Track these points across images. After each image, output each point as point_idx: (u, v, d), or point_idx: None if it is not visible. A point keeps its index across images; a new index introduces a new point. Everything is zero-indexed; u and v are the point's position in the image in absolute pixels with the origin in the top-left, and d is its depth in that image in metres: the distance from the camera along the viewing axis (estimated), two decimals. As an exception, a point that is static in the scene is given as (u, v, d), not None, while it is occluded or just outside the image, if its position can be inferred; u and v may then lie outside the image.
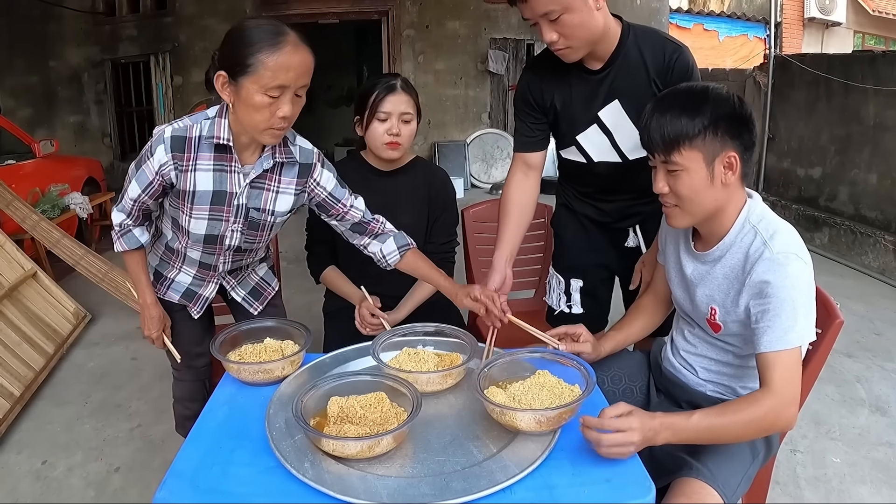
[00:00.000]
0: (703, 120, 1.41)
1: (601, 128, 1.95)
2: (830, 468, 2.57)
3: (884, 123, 5.39)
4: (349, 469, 1.23)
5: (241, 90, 1.53)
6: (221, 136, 1.64)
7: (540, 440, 1.30)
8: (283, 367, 1.61)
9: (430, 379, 1.53)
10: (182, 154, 1.64)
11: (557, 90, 1.95)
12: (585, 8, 1.69)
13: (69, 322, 3.98)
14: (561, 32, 1.72)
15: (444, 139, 9.23)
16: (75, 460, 2.69)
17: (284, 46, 1.51)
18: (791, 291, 1.37)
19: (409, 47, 8.95)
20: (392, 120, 2.12)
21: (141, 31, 8.68)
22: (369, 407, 1.38)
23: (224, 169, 1.69)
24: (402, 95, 2.14)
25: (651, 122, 1.47)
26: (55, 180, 5.58)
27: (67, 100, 8.86)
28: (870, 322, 4.10)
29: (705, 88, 1.48)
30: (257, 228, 1.83)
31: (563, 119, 1.99)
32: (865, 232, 5.40)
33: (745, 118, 1.45)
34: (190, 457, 1.31)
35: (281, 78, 1.51)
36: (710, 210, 1.50)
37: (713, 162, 1.44)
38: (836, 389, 3.19)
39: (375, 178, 2.27)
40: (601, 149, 1.99)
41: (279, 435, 1.33)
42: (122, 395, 3.26)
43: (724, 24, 11.89)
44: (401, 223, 2.18)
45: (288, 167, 1.78)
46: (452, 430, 1.38)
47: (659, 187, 1.51)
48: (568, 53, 1.79)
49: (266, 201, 1.78)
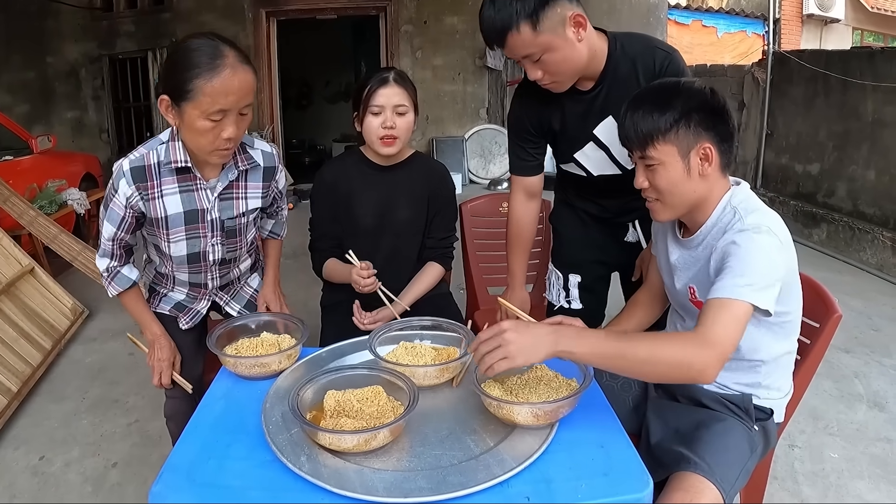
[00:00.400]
0: (673, 114, 1.44)
1: (598, 144, 1.95)
2: (828, 463, 2.57)
3: (882, 120, 5.39)
4: (345, 463, 1.23)
5: (184, 115, 1.54)
6: (178, 159, 1.67)
7: (537, 434, 1.30)
8: (279, 360, 1.61)
9: (427, 373, 1.53)
10: (145, 183, 1.67)
11: (552, 114, 1.96)
12: (566, 44, 1.68)
13: (66, 318, 3.97)
14: (545, 70, 1.73)
15: (442, 135, 9.21)
16: (73, 456, 2.68)
17: (222, 71, 1.49)
18: (753, 254, 1.37)
19: (407, 43, 8.94)
20: (386, 113, 2.08)
21: (138, 27, 8.64)
22: (366, 401, 1.38)
23: (190, 189, 1.73)
24: (395, 87, 2.09)
25: (626, 119, 1.51)
26: (52, 176, 5.56)
27: (65, 95, 8.83)
28: (868, 318, 4.10)
29: (676, 83, 1.51)
30: (235, 234, 1.88)
31: (561, 140, 2.01)
32: (863, 228, 5.40)
33: (718, 109, 1.47)
34: (186, 451, 1.30)
35: (220, 102, 1.51)
36: (692, 202, 1.52)
37: (688, 154, 1.47)
38: (834, 385, 3.19)
39: (374, 174, 2.25)
40: (599, 164, 2.01)
41: (275, 429, 1.33)
42: (119, 390, 3.25)
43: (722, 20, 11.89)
44: (399, 219, 2.18)
45: (252, 173, 1.82)
46: (449, 424, 1.38)
47: (639, 182, 1.54)
48: (555, 87, 1.81)
49: (237, 207, 1.83)
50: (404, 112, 2.12)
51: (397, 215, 2.20)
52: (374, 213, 2.24)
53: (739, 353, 1.57)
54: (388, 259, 2.23)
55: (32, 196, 5.06)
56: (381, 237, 2.26)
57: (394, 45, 8.89)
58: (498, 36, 1.67)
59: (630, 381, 1.80)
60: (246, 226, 1.90)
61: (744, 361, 1.57)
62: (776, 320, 1.49)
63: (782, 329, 1.55)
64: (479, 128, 9.25)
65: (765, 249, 1.38)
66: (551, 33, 1.65)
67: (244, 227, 1.90)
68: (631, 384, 1.80)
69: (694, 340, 1.32)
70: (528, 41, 1.65)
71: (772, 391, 1.60)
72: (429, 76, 9.05)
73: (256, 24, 8.63)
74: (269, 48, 8.80)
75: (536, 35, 1.64)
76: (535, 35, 1.64)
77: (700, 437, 1.48)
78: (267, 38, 8.74)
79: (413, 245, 2.31)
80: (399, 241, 2.28)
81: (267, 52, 8.76)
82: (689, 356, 1.30)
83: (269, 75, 8.85)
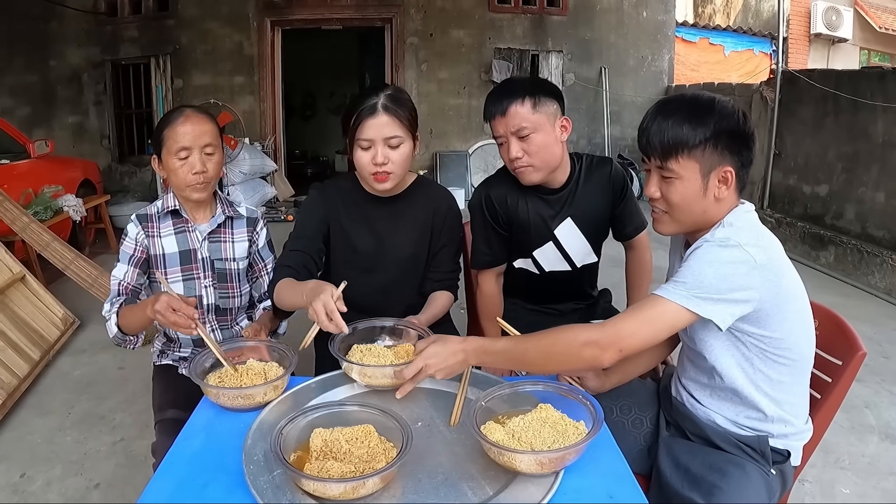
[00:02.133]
0: (705, 131, 1.39)
1: (556, 244, 2.18)
2: (840, 500, 2.48)
3: (892, 141, 5.32)
4: (331, 510, 1.12)
5: (164, 162, 1.94)
6: (170, 204, 2.00)
7: (541, 482, 1.19)
8: (265, 392, 1.50)
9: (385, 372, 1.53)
10: (148, 224, 2.00)
11: (519, 207, 2.13)
12: (553, 134, 1.97)
13: (57, 328, 3.89)
14: (526, 150, 1.96)
15: (446, 149, 9.14)
16: (54, 474, 2.60)
17: (179, 118, 1.91)
18: (703, 263, 1.35)
19: (412, 55, 8.88)
20: (376, 147, 1.85)
21: (142, 33, 8.57)
22: (355, 441, 1.26)
23: (183, 230, 2.02)
24: (384, 117, 1.83)
25: (652, 125, 1.45)
26: (49, 181, 5.50)
27: (66, 100, 8.74)
28: (877, 344, 4.00)
29: (711, 99, 1.44)
30: (226, 279, 2.06)
31: (524, 236, 2.17)
32: (872, 251, 5.31)
33: (748, 135, 1.43)
34: (159, 490, 1.20)
35: (181, 141, 1.89)
36: (698, 221, 1.48)
37: (709, 174, 1.42)
38: (845, 416, 3.09)
39: (370, 206, 2.06)
40: (553, 262, 2.22)
41: (257, 469, 1.22)
42: (106, 405, 3.17)
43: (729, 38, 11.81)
44: (398, 255, 2.06)
45: (237, 221, 2.09)
46: (445, 469, 1.26)
47: (651, 192, 1.49)
48: (527, 172, 2.01)
49: (225, 251, 2.06)
50: (398, 144, 1.87)
51: (395, 251, 2.04)
52: (369, 247, 2.06)
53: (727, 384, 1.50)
54: (383, 295, 2.06)
55: (27, 202, 5.00)
56: (375, 273, 2.07)
57: (399, 57, 8.83)
58: (505, 103, 1.95)
59: (642, 418, 1.70)
60: (237, 274, 2.08)
61: (738, 395, 1.49)
62: (768, 346, 1.42)
63: (780, 358, 1.45)
64: (484, 143, 9.18)
65: (720, 262, 1.34)
66: (545, 118, 1.95)
67: (235, 275, 2.08)
68: (643, 421, 1.70)
69: (597, 326, 1.35)
70: (525, 115, 1.93)
71: (787, 427, 1.50)
72: (434, 89, 9.00)
73: (261, 33, 8.57)
74: (273, 57, 8.74)
75: (534, 112, 1.93)
76: (532, 112, 1.93)
77: (716, 486, 1.38)
78: (271, 48, 8.68)
79: (413, 280, 2.13)
80: (397, 275, 2.09)
81: (271, 61, 8.71)
82: (586, 338, 1.35)
83: (272, 85, 8.79)
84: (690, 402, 1.61)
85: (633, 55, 9.62)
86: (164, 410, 1.88)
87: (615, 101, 9.49)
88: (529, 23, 9.10)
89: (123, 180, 8.78)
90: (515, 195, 2.12)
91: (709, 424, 1.54)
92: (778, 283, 1.38)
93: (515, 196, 2.12)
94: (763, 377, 1.46)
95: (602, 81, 9.39)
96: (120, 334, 1.90)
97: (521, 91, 1.94)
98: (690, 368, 1.60)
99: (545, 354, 1.40)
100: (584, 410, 1.32)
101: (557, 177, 2.10)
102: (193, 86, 8.62)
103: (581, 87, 9.29)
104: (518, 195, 2.12)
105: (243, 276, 2.11)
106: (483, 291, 2.25)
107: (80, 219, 5.54)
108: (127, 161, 8.93)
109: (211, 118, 1.98)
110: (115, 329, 1.89)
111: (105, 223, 6.33)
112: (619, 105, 9.56)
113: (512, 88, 1.97)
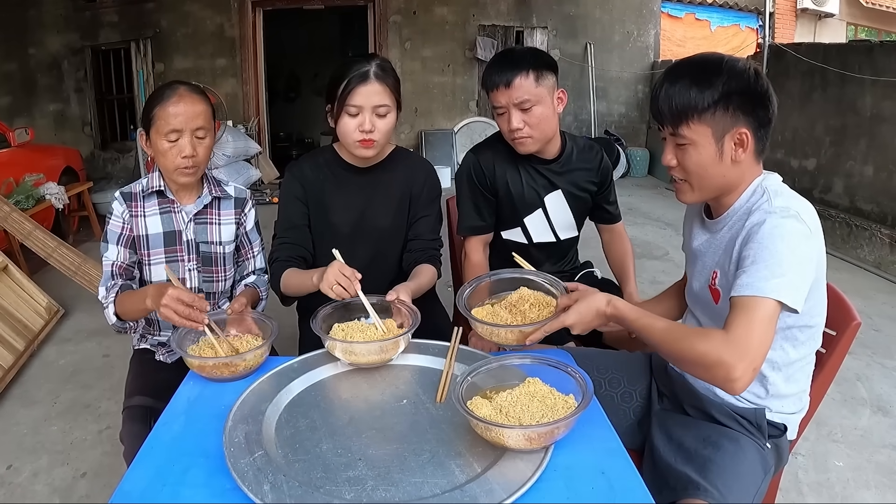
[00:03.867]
0: (713, 93, 1.33)
1: (544, 212, 2.25)
2: (833, 472, 2.48)
3: (880, 114, 5.30)
4: (314, 492, 1.08)
5: (153, 141, 1.85)
6: (155, 184, 1.93)
7: (530, 458, 1.15)
8: (247, 359, 1.50)
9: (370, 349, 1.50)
10: (131, 203, 1.92)
11: (508, 174, 2.20)
12: (551, 106, 2.06)
13: (41, 317, 3.84)
14: (527, 122, 2.03)
15: (432, 127, 9.09)
16: (41, 465, 2.57)
17: (171, 97, 1.81)
18: (778, 242, 1.26)
19: (395, 34, 8.79)
20: (364, 114, 1.85)
21: (122, 17, 8.42)
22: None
23: (168, 210, 1.95)
24: (376, 85, 1.84)
25: (661, 91, 1.39)
26: (30, 170, 5.40)
27: (47, 88, 8.59)
28: (867, 318, 4.00)
29: (720, 59, 1.37)
30: (210, 263, 2.00)
31: (514, 203, 2.23)
32: (861, 225, 5.31)
33: (762, 93, 1.36)
34: (139, 476, 1.16)
35: (172, 123, 1.79)
36: (720, 186, 1.42)
37: (723, 138, 1.36)
38: (837, 389, 3.09)
39: (349, 175, 2.06)
40: (540, 230, 2.28)
41: (238, 452, 1.18)
42: (92, 394, 3.13)
43: (716, 13, 11.77)
44: (378, 224, 2.05)
45: (224, 202, 2.03)
46: (432, 446, 1.22)
47: (667, 160, 1.45)
48: (526, 143, 2.08)
49: (211, 234, 2.00)
50: (385, 113, 1.89)
51: (376, 221, 2.04)
52: (349, 219, 2.06)
53: None
54: (365, 268, 1.90)
55: (9, 191, 4.93)
56: (357, 244, 2.03)
57: (382, 36, 8.74)
58: (508, 75, 2.00)
59: (631, 392, 1.67)
60: (223, 258, 2.02)
61: None
62: (796, 323, 1.38)
63: (801, 335, 1.42)
64: (469, 120, 9.13)
65: (791, 239, 1.26)
66: (545, 90, 2.02)
67: (220, 259, 2.02)
68: (632, 395, 1.67)
69: (727, 344, 1.21)
70: (529, 87, 1.99)
71: (785, 403, 1.47)
72: (418, 67, 8.92)
73: (242, 15, 8.45)
74: (255, 39, 8.63)
75: (537, 86, 2.00)
76: (535, 85, 2.00)
77: (711, 460, 1.35)
78: (253, 29, 8.57)
79: (394, 251, 2.12)
80: (378, 247, 2.09)
81: (253, 43, 8.59)
82: (722, 371, 1.21)
83: (254, 67, 8.69)
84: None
85: (618, 31, 9.55)
86: (132, 397, 1.82)
87: (601, 77, 9.44)
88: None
89: (106, 167, 8.67)
90: (506, 163, 2.20)
91: (706, 395, 1.51)
92: (821, 254, 1.35)
93: (506, 164, 2.20)
94: (781, 354, 1.43)
95: (587, 57, 9.33)
96: (119, 322, 1.83)
97: (525, 63, 1.99)
98: None
99: (677, 359, 1.35)
100: (573, 383, 1.28)
101: (550, 148, 2.18)
102: (175, 69, 8.49)
103: (566, 64, 9.20)
104: (509, 163, 2.20)
105: (229, 260, 2.05)
106: (471, 261, 2.25)
107: (62, 207, 5.46)
108: (109, 148, 8.82)
109: (205, 98, 1.87)
110: (114, 318, 1.82)
111: (88, 210, 6.24)
112: (604, 81, 9.51)
113: (515, 59, 2.02)
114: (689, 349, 1.25)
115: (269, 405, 1.28)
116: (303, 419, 1.33)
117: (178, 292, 1.55)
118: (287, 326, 1.83)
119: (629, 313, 1.41)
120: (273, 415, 1.29)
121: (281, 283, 1.94)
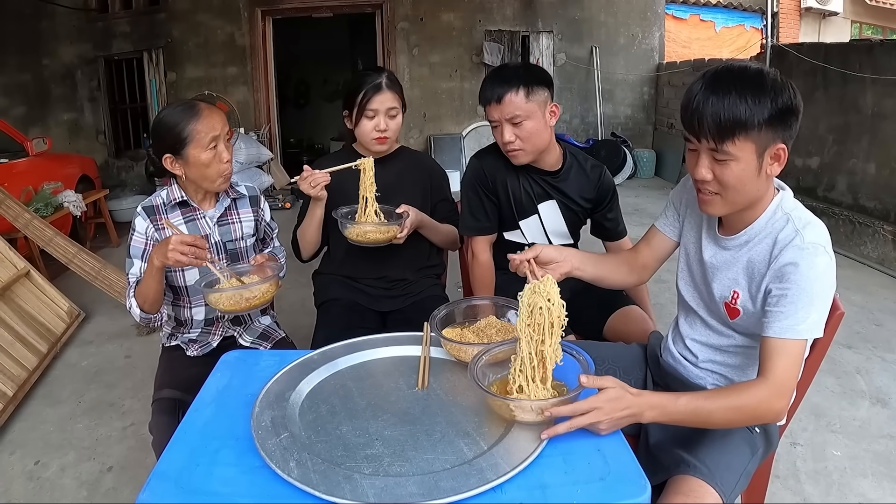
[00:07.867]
0: (762, 110, 1.30)
1: (539, 218, 2.37)
2: (831, 461, 2.55)
3: (882, 112, 5.35)
4: (335, 468, 1.20)
5: (188, 158, 1.93)
6: (175, 196, 2.04)
7: (532, 437, 1.27)
8: (262, 291, 1.76)
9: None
10: (155, 216, 2.02)
11: (508, 180, 2.31)
12: (543, 120, 2.14)
13: (63, 321, 3.95)
14: (518, 135, 2.14)
15: (440, 132, 9.16)
16: (68, 460, 2.67)
17: (202, 111, 1.93)
18: (814, 283, 1.34)
19: (403, 40, 8.88)
20: (379, 117, 2.25)
21: (134, 28, 8.58)
22: None
23: (193, 218, 2.07)
24: (388, 93, 2.24)
25: (706, 104, 1.33)
26: (48, 178, 5.54)
27: (61, 97, 8.76)
28: (869, 313, 4.08)
29: (760, 72, 1.34)
30: (238, 258, 2.14)
31: (512, 206, 2.34)
32: (864, 222, 5.37)
33: (798, 108, 1.35)
34: (174, 458, 1.28)
35: (212, 131, 1.91)
36: (750, 200, 1.44)
37: (763, 153, 1.36)
38: (836, 381, 3.17)
39: None
40: (536, 234, 2.40)
41: (265, 434, 1.30)
42: (115, 393, 3.24)
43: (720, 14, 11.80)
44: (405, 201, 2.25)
45: (241, 201, 2.18)
46: (442, 427, 1.34)
47: (702, 174, 1.40)
48: (519, 155, 2.19)
49: (234, 232, 2.15)
50: (395, 115, 2.29)
51: (397, 202, 2.22)
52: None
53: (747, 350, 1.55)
54: (390, 249, 2.23)
55: (28, 199, 5.05)
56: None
57: (390, 42, 8.84)
58: (499, 91, 2.10)
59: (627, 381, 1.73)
60: (246, 251, 2.17)
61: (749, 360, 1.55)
62: None
63: None
64: (477, 125, 9.20)
65: (823, 277, 1.35)
66: (536, 106, 2.11)
67: (245, 252, 2.16)
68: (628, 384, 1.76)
69: (761, 391, 1.33)
70: (519, 103, 2.09)
71: None
72: (426, 73, 9.00)
73: (252, 23, 8.57)
74: (266, 47, 8.75)
75: (527, 101, 2.09)
76: (526, 101, 2.09)
77: (700, 440, 1.45)
78: (263, 37, 8.68)
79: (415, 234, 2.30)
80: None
81: (263, 50, 8.71)
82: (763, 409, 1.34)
83: (265, 75, 8.81)
84: (685, 364, 1.67)
85: (623, 33, 9.61)
86: (161, 389, 1.97)
87: (607, 79, 9.51)
88: (519, 4, 9.09)
89: (120, 175, 8.82)
90: (507, 168, 2.31)
91: (697, 385, 1.61)
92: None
93: (506, 169, 2.31)
94: None
95: (593, 60, 9.40)
96: (143, 314, 1.95)
97: (516, 80, 2.10)
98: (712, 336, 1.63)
99: (729, 420, 1.36)
100: (575, 365, 1.40)
101: (547, 159, 2.29)
102: (187, 78, 8.65)
103: (572, 67, 9.32)
104: (509, 169, 2.31)
105: (252, 249, 2.20)
106: (479, 260, 2.37)
107: (80, 214, 5.60)
108: (123, 156, 8.97)
109: (217, 107, 2.04)
110: (138, 311, 1.94)
111: (105, 217, 6.38)
112: (610, 83, 9.58)
113: (506, 77, 2.12)
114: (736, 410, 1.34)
115: (292, 393, 1.40)
116: (324, 405, 1.45)
117: (179, 237, 1.77)
118: (303, 327, 1.94)
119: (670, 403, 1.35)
120: (296, 401, 1.41)
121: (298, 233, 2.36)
